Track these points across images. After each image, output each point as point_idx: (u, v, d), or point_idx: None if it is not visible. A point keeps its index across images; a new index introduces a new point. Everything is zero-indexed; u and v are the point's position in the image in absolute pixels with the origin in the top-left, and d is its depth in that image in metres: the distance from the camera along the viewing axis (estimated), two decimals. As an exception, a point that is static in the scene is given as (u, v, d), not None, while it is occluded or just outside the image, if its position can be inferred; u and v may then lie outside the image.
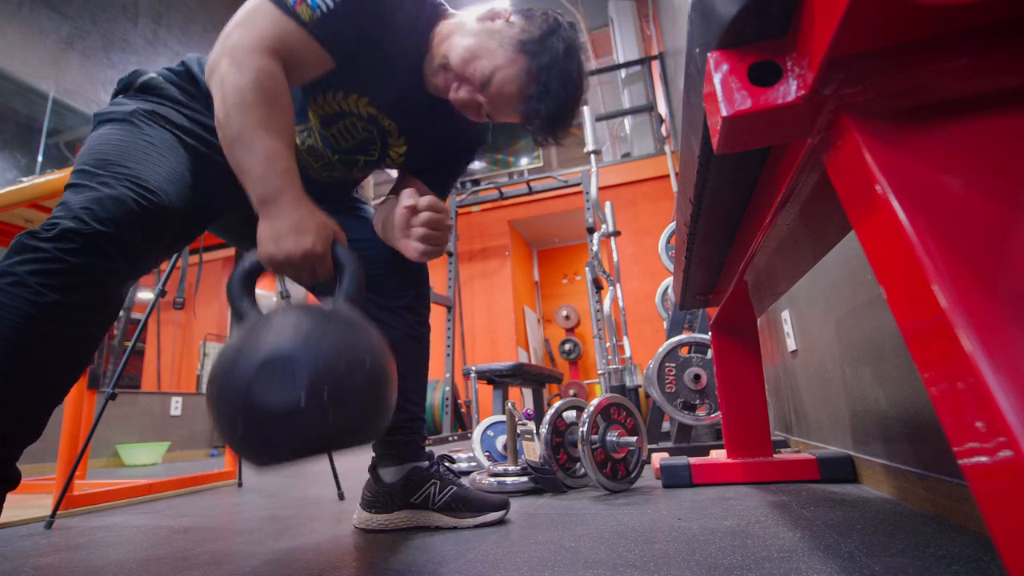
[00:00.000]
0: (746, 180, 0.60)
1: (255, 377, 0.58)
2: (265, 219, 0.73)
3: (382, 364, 0.65)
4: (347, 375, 0.60)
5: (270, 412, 0.57)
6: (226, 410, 0.60)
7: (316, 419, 0.58)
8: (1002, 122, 0.30)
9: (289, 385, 0.57)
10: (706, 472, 1.29)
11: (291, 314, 0.65)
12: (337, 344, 0.62)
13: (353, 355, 0.62)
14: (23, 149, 3.24)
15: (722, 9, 0.35)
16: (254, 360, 0.59)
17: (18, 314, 0.62)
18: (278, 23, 0.76)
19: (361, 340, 0.64)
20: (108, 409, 1.65)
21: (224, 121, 0.73)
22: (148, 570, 0.81)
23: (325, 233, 0.74)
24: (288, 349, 0.59)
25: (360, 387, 0.62)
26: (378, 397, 0.65)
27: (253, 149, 0.72)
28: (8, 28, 3.16)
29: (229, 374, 0.60)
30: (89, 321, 0.69)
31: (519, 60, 0.86)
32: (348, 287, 0.72)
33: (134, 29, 3.94)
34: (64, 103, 3.42)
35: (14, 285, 0.63)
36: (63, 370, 0.69)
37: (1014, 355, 0.23)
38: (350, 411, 0.61)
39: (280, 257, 0.71)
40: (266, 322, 0.64)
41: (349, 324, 0.65)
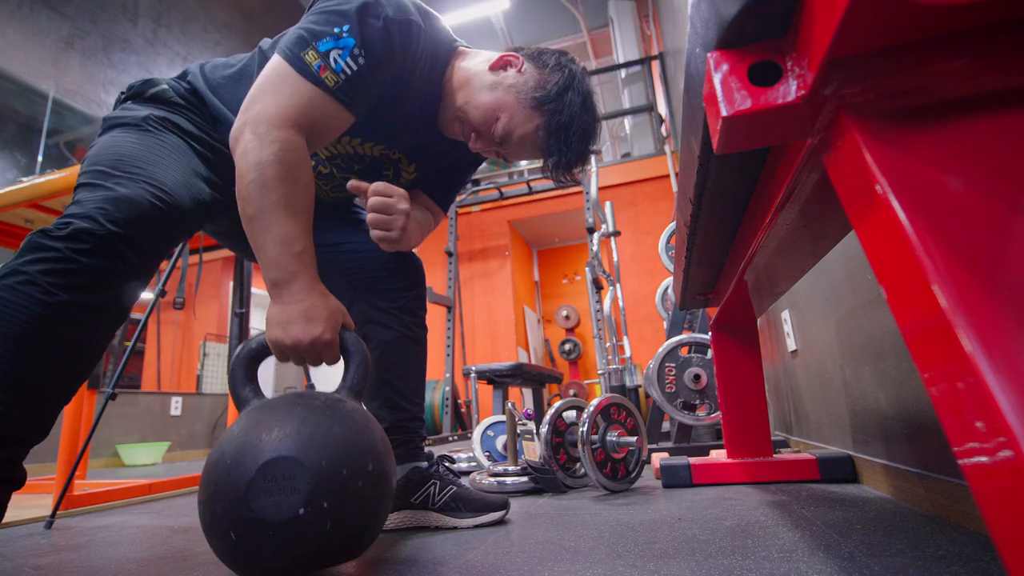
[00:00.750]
0: (746, 180, 0.60)
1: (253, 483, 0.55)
2: (275, 303, 0.72)
3: (384, 466, 0.63)
4: (348, 482, 0.58)
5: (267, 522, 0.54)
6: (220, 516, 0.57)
7: (315, 530, 0.56)
8: (1002, 122, 0.30)
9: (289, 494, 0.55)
10: (706, 472, 1.29)
11: (294, 408, 0.62)
12: (340, 447, 0.59)
13: (356, 459, 0.60)
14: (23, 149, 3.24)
15: (722, 9, 0.35)
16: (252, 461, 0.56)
17: (27, 313, 0.62)
18: (302, 92, 0.75)
19: (364, 440, 0.62)
20: (108, 409, 1.65)
21: (244, 197, 0.72)
22: (148, 570, 0.81)
23: (335, 321, 0.73)
24: (288, 451, 0.57)
25: (360, 493, 0.59)
26: (378, 502, 0.62)
27: (270, 231, 0.71)
28: (8, 28, 3.16)
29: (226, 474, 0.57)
30: (98, 322, 0.69)
31: (537, 117, 0.87)
32: (353, 378, 0.71)
33: (134, 29, 3.94)
34: (64, 103, 3.42)
35: (24, 284, 0.63)
36: (71, 370, 0.68)
37: (1014, 355, 0.23)
38: (349, 522, 0.59)
39: (288, 343, 0.71)
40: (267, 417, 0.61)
41: (353, 422, 0.63)
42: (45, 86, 3.32)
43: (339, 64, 0.75)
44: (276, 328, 0.71)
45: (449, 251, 4.20)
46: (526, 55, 0.91)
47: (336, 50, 0.75)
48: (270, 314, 0.72)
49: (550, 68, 0.89)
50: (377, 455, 0.62)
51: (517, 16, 6.24)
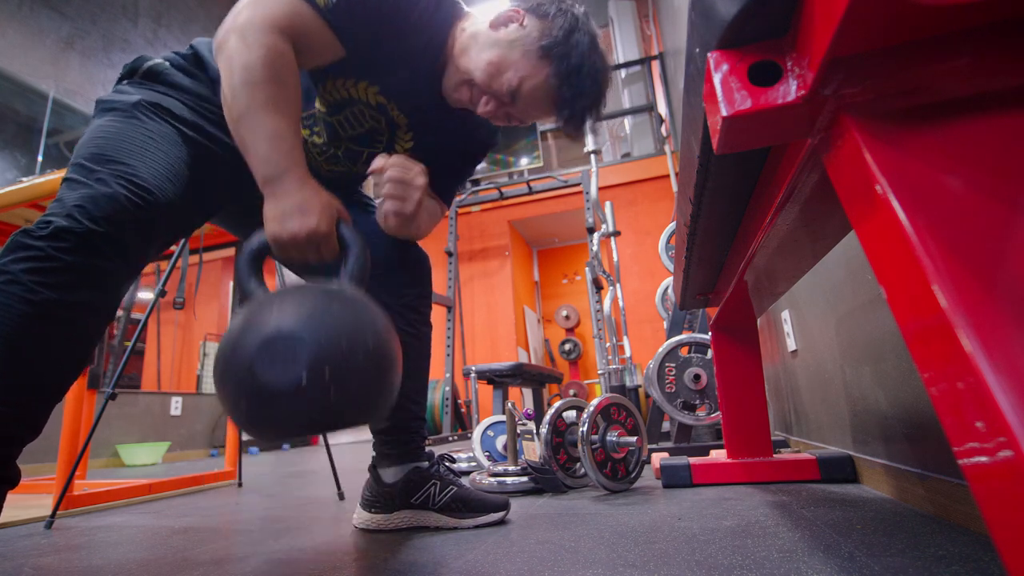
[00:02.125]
0: (746, 180, 0.60)
1: (257, 356, 0.58)
2: (270, 199, 0.72)
3: (385, 344, 0.65)
4: (349, 354, 0.60)
5: (273, 391, 0.57)
6: (231, 389, 0.60)
7: (318, 398, 0.58)
8: (1002, 122, 0.30)
9: (291, 364, 0.57)
10: (706, 472, 1.29)
11: (295, 293, 0.65)
12: (340, 323, 0.62)
13: (355, 335, 0.62)
14: (23, 149, 3.24)
15: (722, 9, 0.35)
16: (257, 339, 0.59)
17: (13, 312, 0.62)
18: (291, 4, 0.75)
19: (364, 320, 0.64)
20: (108, 409, 1.65)
21: (231, 98, 0.72)
22: (148, 570, 0.81)
23: (329, 213, 0.74)
24: (290, 328, 0.59)
25: (362, 366, 0.61)
26: (381, 377, 0.64)
27: (259, 128, 0.72)
28: (8, 28, 3.16)
29: (233, 353, 0.60)
30: (85, 319, 0.69)
31: (545, 66, 0.85)
32: (353, 267, 0.72)
33: (134, 29, 3.94)
34: (64, 103, 3.42)
35: (8, 283, 0.63)
36: (61, 368, 0.68)
37: (1014, 355, 0.23)
38: (352, 390, 0.61)
39: (285, 237, 0.71)
40: (270, 300, 0.64)
41: (353, 304, 0.65)
42: (45, 86, 3.32)
43: None
44: (272, 223, 0.72)
45: (449, 251, 4.20)
46: (527, 8, 0.89)
47: None
48: (266, 211, 0.72)
49: (552, 15, 0.87)
50: (377, 332, 0.64)
51: (517, 16, 6.22)
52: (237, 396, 0.60)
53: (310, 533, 1.02)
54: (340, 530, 1.04)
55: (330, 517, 1.19)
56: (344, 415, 0.62)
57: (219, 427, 4.42)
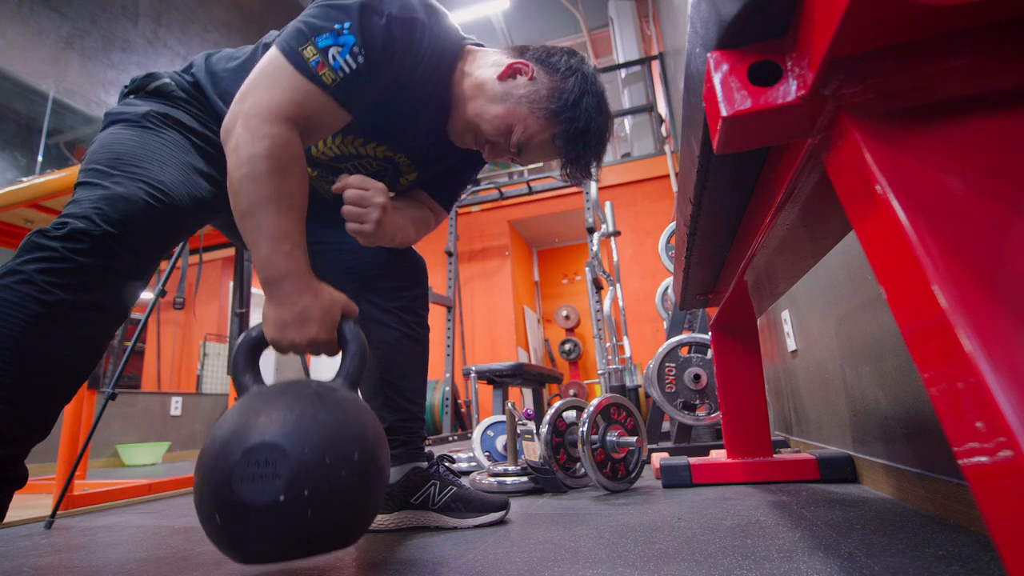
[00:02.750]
0: (746, 180, 0.60)
1: (236, 467, 0.56)
2: (270, 302, 0.71)
3: (371, 454, 0.62)
4: (332, 471, 0.57)
5: (247, 506, 0.55)
6: (206, 500, 0.58)
7: (295, 518, 0.55)
8: (1002, 122, 0.30)
9: (270, 478, 0.55)
10: (706, 472, 1.29)
11: (285, 395, 0.63)
12: (325, 434, 0.59)
13: (341, 447, 0.59)
14: (23, 149, 3.24)
15: (722, 9, 0.35)
16: (238, 448, 0.57)
17: (25, 312, 0.62)
18: (297, 88, 0.73)
19: (352, 429, 0.62)
20: (108, 409, 1.65)
21: (236, 192, 0.71)
22: (148, 570, 0.81)
23: (331, 318, 0.73)
24: (274, 437, 0.57)
25: (344, 485, 0.59)
26: (364, 494, 0.62)
27: (261, 227, 0.70)
28: (8, 28, 3.15)
29: (214, 459, 0.58)
30: (97, 320, 0.69)
31: (553, 126, 0.87)
32: (350, 369, 0.71)
33: (134, 29, 3.94)
34: (64, 103, 3.41)
35: (21, 283, 0.63)
36: (71, 369, 0.68)
37: (1014, 355, 0.23)
38: (331, 511, 0.58)
39: (284, 343, 0.71)
40: (259, 403, 0.62)
41: (343, 410, 0.63)
42: (45, 86, 3.32)
43: (337, 62, 0.74)
44: (272, 329, 0.71)
45: (449, 251, 4.20)
46: (534, 58, 0.89)
47: (335, 47, 0.74)
48: (266, 313, 0.72)
49: (562, 73, 0.87)
50: (365, 444, 0.62)
51: (517, 16, 6.24)
52: (212, 509, 0.57)
53: (310, 533, 1.02)
54: (340, 530, 1.03)
55: (330, 517, 1.18)
56: (320, 539, 0.59)
57: (219, 427, 4.42)
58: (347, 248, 1.04)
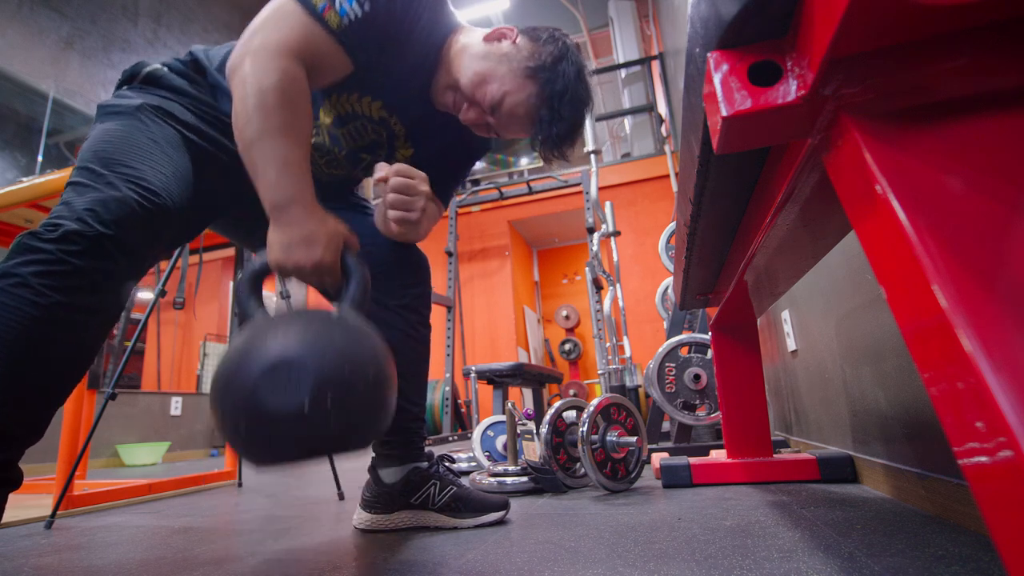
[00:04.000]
0: (746, 180, 0.60)
1: (260, 380, 0.59)
2: (276, 226, 0.72)
3: (384, 371, 0.66)
4: (350, 382, 0.61)
5: (274, 415, 0.58)
6: (230, 411, 0.61)
7: (319, 424, 0.59)
8: (1002, 122, 0.30)
9: (294, 390, 0.58)
10: (706, 472, 1.29)
11: (297, 319, 0.66)
12: (341, 351, 0.63)
13: (356, 362, 0.63)
14: (23, 149, 3.24)
15: (722, 9, 0.35)
16: (260, 364, 0.60)
17: (20, 315, 0.62)
18: (305, 27, 0.75)
19: (365, 347, 0.65)
20: (108, 409, 1.65)
21: (243, 122, 0.72)
22: (148, 570, 0.81)
23: (335, 243, 0.74)
24: (293, 354, 0.60)
25: (362, 394, 0.63)
26: (379, 404, 0.66)
27: (270, 154, 0.72)
28: (8, 28, 3.15)
29: (235, 375, 0.61)
30: (91, 322, 0.69)
31: (529, 85, 0.87)
32: (355, 294, 0.73)
33: (134, 29, 3.94)
34: (64, 103, 3.41)
35: (16, 286, 0.63)
36: (65, 371, 0.68)
37: (1014, 355, 0.23)
38: (351, 417, 0.62)
39: (289, 266, 0.72)
40: (272, 325, 0.65)
41: (354, 331, 0.66)
42: (45, 86, 3.32)
43: (344, 8, 0.76)
44: (278, 251, 0.72)
45: (449, 251, 4.20)
46: (521, 29, 0.92)
47: None
48: (271, 238, 0.73)
49: (543, 40, 0.89)
50: (378, 361, 0.66)
51: (517, 16, 6.24)
52: (236, 419, 0.60)
53: (310, 533, 1.02)
54: (340, 530, 1.04)
55: (330, 517, 1.19)
56: (342, 442, 0.64)
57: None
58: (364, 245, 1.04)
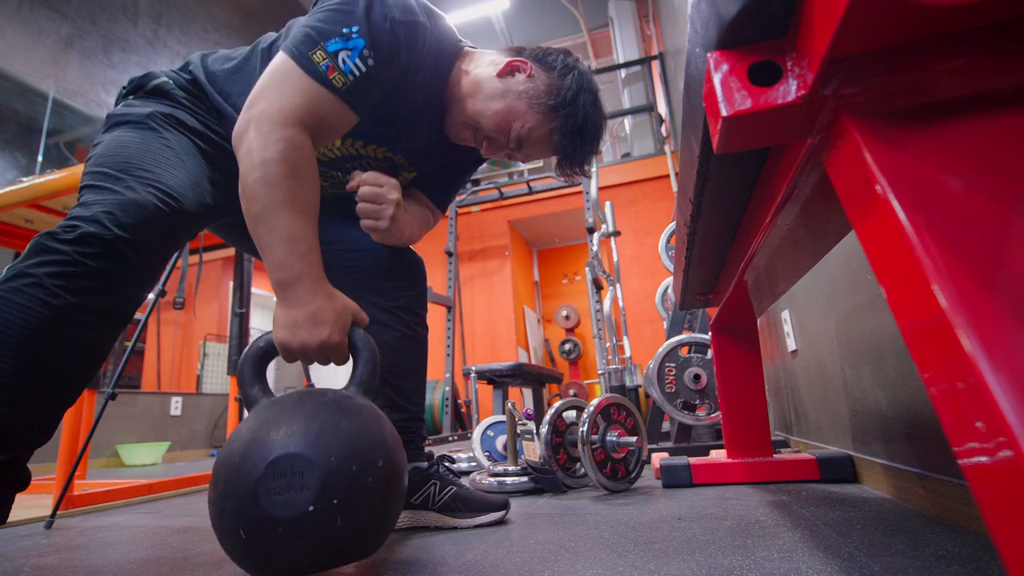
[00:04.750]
0: (746, 180, 0.60)
1: (262, 480, 0.55)
2: (282, 305, 0.71)
3: (394, 461, 0.63)
4: (358, 478, 0.58)
5: (276, 519, 0.54)
6: (229, 515, 0.57)
7: (325, 527, 0.55)
8: (1002, 122, 0.30)
9: (298, 490, 0.54)
10: (706, 472, 1.29)
11: (303, 405, 0.62)
12: (349, 442, 0.59)
13: (365, 455, 0.59)
14: (23, 149, 3.24)
15: (722, 9, 0.35)
16: (261, 459, 0.56)
17: (34, 315, 0.62)
18: (308, 91, 0.74)
19: (373, 436, 0.62)
20: (108, 409, 1.65)
21: (249, 196, 0.71)
22: (148, 570, 0.81)
23: (344, 321, 0.72)
24: (297, 447, 0.56)
25: (370, 491, 0.59)
26: (387, 502, 0.62)
27: (275, 230, 0.70)
28: (8, 28, 3.15)
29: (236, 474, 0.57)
30: (103, 324, 0.69)
31: (550, 120, 0.89)
32: (363, 375, 0.71)
33: (134, 29, 3.94)
34: (64, 103, 3.41)
35: (31, 286, 0.63)
36: (75, 372, 0.68)
37: (1014, 355, 0.23)
38: (359, 518, 0.58)
39: (295, 346, 0.70)
40: (276, 414, 0.61)
41: (363, 418, 0.63)
42: (45, 86, 3.32)
43: (348, 65, 0.75)
44: (283, 331, 0.70)
45: (449, 251, 4.20)
46: (531, 57, 0.92)
47: (345, 51, 0.74)
48: (277, 316, 0.71)
49: (558, 71, 0.90)
50: (387, 451, 0.62)
51: (517, 16, 6.24)
52: (235, 524, 0.56)
53: (310, 533, 1.02)
54: (340, 530, 1.03)
55: (330, 517, 1.18)
56: (350, 546, 0.59)
57: (219, 427, 4.42)
58: (348, 248, 1.04)
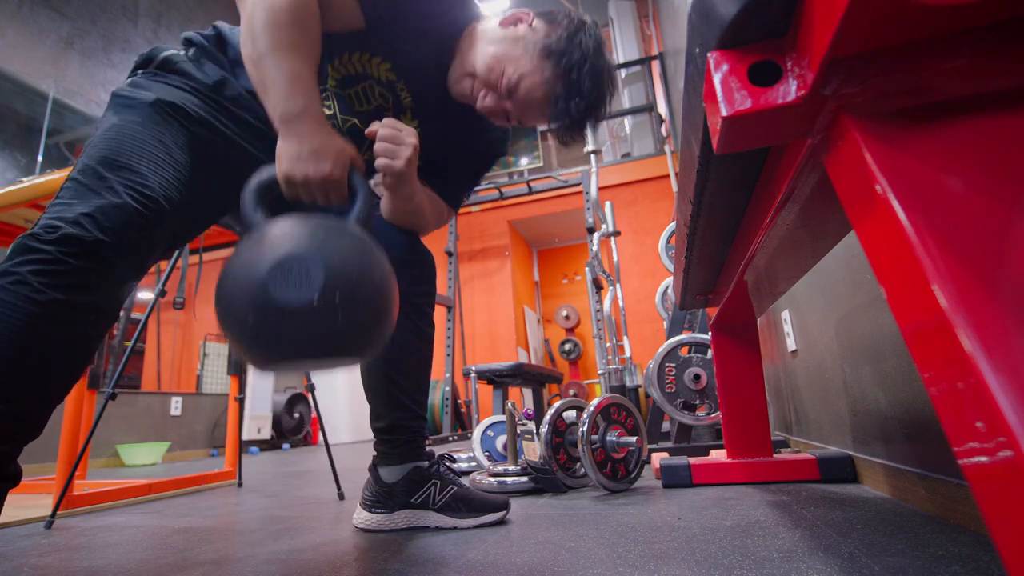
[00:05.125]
0: (746, 180, 0.60)
1: (271, 273, 0.60)
2: (286, 138, 0.74)
3: (387, 280, 0.68)
4: (358, 283, 0.63)
5: (283, 307, 0.59)
6: (238, 303, 0.61)
7: (326, 319, 0.60)
8: (1002, 122, 0.30)
9: (304, 284, 0.59)
10: (706, 472, 1.29)
11: (308, 221, 0.67)
12: (350, 254, 0.64)
13: (364, 267, 0.65)
14: (23, 149, 3.24)
15: (722, 9, 0.35)
16: (271, 257, 0.61)
17: (19, 312, 0.63)
18: None
19: (371, 256, 0.67)
20: (108, 409, 1.64)
21: (251, 39, 0.74)
22: (148, 570, 0.81)
23: (344, 159, 0.75)
24: (304, 251, 0.61)
25: (368, 297, 0.64)
26: (383, 310, 0.67)
27: (280, 67, 0.73)
28: (8, 28, 3.15)
29: (245, 269, 0.62)
30: (89, 321, 0.69)
31: (545, 66, 0.87)
32: (360, 212, 0.75)
33: (134, 29, 3.94)
34: (64, 103, 3.41)
35: (15, 284, 0.63)
36: (63, 369, 0.69)
37: (1014, 355, 0.23)
38: (358, 318, 0.63)
39: (298, 178, 0.73)
40: (281, 226, 0.66)
41: (361, 241, 0.68)
42: (45, 86, 3.32)
43: None
44: (287, 163, 0.73)
45: (449, 251, 4.20)
46: (537, 12, 0.93)
47: None
48: (280, 149, 0.74)
49: (560, 23, 0.90)
50: (383, 270, 0.67)
51: (517, 16, 6.23)
52: (244, 310, 0.61)
53: (310, 533, 1.02)
54: (340, 530, 1.03)
55: (330, 517, 1.19)
56: (347, 342, 0.64)
57: (219, 427, 4.42)
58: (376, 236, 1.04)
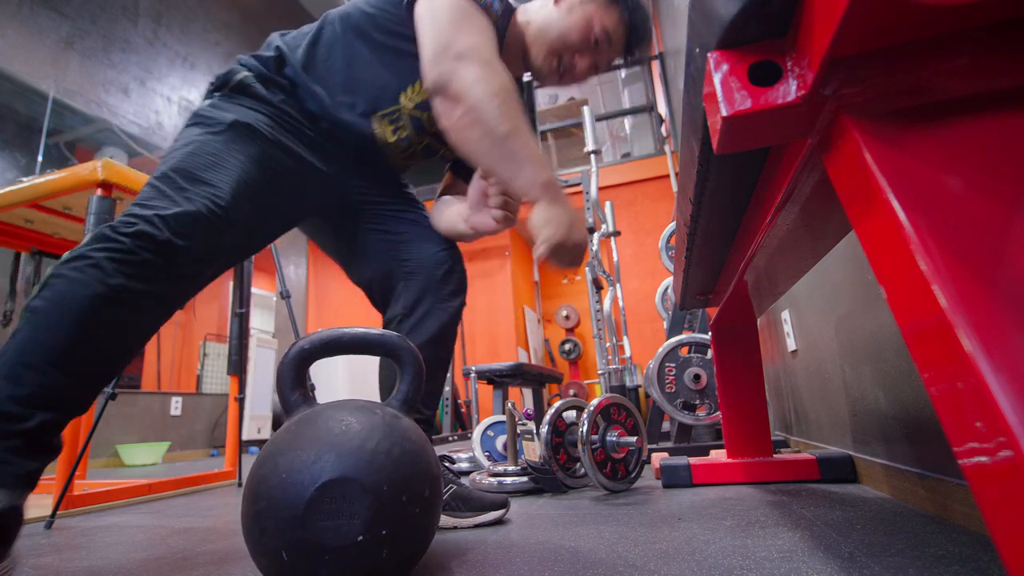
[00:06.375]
0: (746, 180, 0.60)
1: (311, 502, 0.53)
2: (553, 203, 0.79)
3: (438, 489, 0.62)
4: (407, 508, 0.56)
5: (323, 546, 0.52)
6: (271, 534, 0.54)
7: (370, 558, 0.54)
8: (1002, 122, 0.30)
9: (348, 517, 0.53)
10: (706, 472, 1.29)
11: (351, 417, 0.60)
12: (402, 471, 0.57)
13: (415, 485, 0.58)
14: (23, 149, 3.24)
15: (722, 9, 0.35)
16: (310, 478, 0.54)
17: (90, 291, 0.68)
18: (487, 28, 0.87)
19: (422, 464, 0.61)
20: (108, 409, 1.64)
21: (493, 117, 0.79)
22: (148, 570, 0.81)
23: None
24: (351, 473, 0.54)
25: (417, 520, 0.58)
26: (430, 528, 0.61)
27: (527, 145, 0.80)
28: (8, 28, 3.15)
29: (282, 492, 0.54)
30: (150, 309, 0.75)
31: (615, 10, 1.01)
32: (408, 391, 0.70)
33: (134, 29, 3.94)
34: (64, 103, 3.41)
35: (90, 266, 0.70)
36: (118, 351, 0.74)
37: (1014, 355, 0.23)
38: (403, 552, 0.57)
39: (570, 243, 0.79)
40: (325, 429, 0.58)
41: (411, 443, 0.61)
42: (45, 86, 3.32)
43: (496, 5, 0.92)
44: (563, 229, 0.79)
45: (449, 251, 4.20)
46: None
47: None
48: (548, 214, 0.79)
49: None
50: (433, 480, 0.61)
51: (517, 16, 6.23)
52: (277, 545, 0.54)
53: (310, 533, 1.02)
54: (340, 530, 1.03)
55: (330, 517, 1.18)
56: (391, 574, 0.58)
57: (219, 427, 4.42)
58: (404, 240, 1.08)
